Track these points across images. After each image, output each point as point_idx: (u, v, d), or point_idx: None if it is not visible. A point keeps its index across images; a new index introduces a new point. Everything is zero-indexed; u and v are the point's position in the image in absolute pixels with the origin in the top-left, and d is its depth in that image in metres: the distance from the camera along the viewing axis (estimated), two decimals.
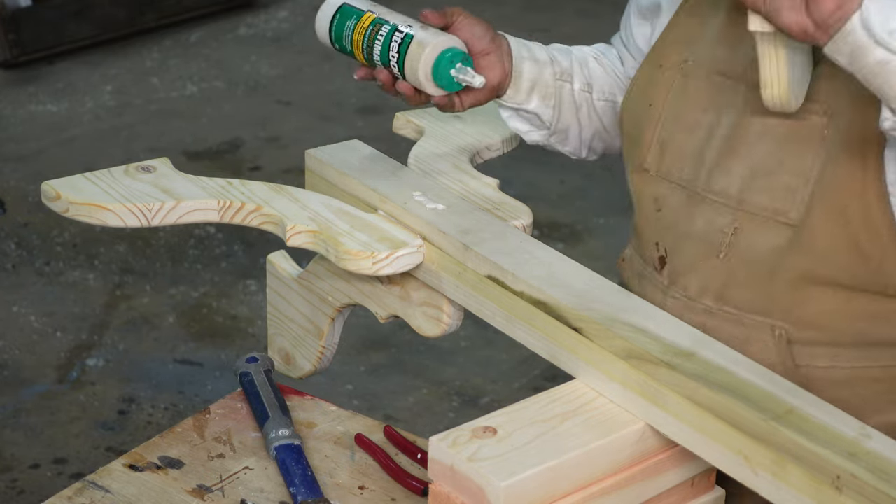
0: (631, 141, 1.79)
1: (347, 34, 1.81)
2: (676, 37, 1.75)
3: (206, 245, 4.21)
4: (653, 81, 1.76)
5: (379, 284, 1.78)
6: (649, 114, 1.75)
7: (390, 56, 1.76)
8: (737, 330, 1.64)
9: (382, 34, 1.77)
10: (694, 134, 1.70)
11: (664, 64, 1.75)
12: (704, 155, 1.69)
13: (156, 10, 5.65)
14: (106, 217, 1.67)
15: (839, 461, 1.34)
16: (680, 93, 1.72)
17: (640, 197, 1.77)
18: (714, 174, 1.67)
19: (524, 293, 1.61)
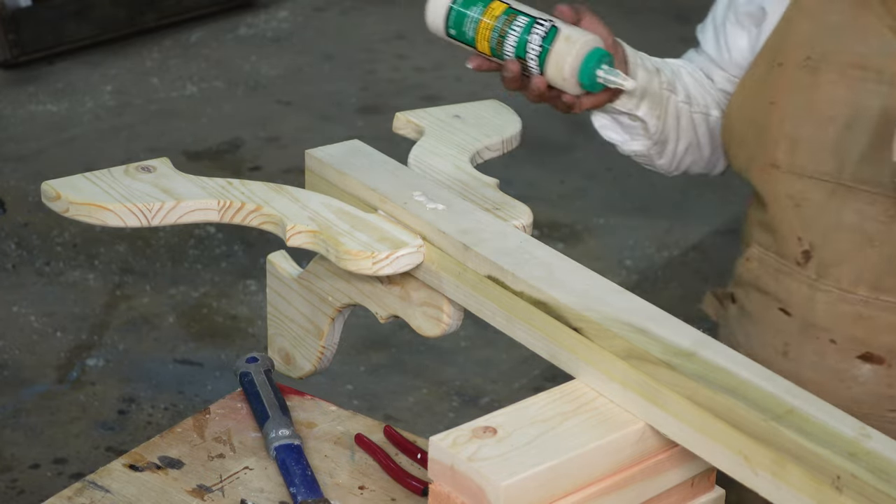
0: (750, 142, 1.79)
1: (471, 23, 1.73)
2: (793, 34, 1.75)
3: (206, 245, 4.21)
4: (772, 80, 1.76)
5: (379, 284, 1.78)
6: (771, 111, 1.76)
7: (528, 49, 1.69)
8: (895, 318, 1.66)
9: (519, 25, 1.70)
10: (828, 128, 1.71)
11: (784, 62, 1.75)
12: (847, 147, 1.70)
13: (156, 10, 5.65)
14: (106, 217, 1.67)
15: (839, 461, 1.34)
16: (808, 88, 1.73)
17: (773, 194, 1.78)
18: (863, 165, 1.68)
19: (524, 293, 1.61)
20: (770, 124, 1.76)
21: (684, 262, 4.31)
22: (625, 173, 4.77)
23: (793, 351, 1.80)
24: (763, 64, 1.78)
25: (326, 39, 5.83)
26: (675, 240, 4.41)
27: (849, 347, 1.75)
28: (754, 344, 1.86)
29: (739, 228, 1.97)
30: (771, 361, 1.82)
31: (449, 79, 5.53)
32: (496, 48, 1.72)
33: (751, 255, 1.84)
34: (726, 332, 1.93)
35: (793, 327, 1.79)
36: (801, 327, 1.77)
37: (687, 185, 4.75)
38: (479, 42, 1.73)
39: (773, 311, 1.81)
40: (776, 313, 1.80)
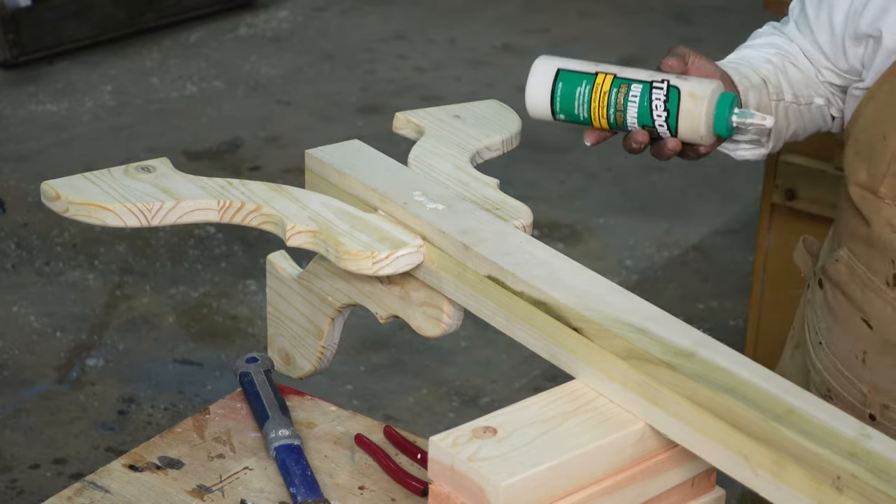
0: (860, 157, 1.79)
1: (581, 104, 1.69)
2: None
3: (206, 245, 4.21)
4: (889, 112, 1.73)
5: (379, 284, 1.78)
6: (884, 145, 1.74)
7: (654, 116, 1.66)
8: None
9: (635, 95, 1.66)
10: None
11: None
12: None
13: (156, 10, 5.65)
14: (106, 217, 1.67)
15: (839, 461, 1.34)
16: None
17: (874, 217, 1.77)
18: None
19: (524, 293, 1.61)
20: (881, 157, 1.74)
21: (684, 262, 4.31)
22: (625, 173, 4.77)
23: (870, 360, 1.81)
24: (884, 92, 1.75)
25: (326, 39, 5.83)
26: (675, 240, 4.41)
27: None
28: (835, 341, 1.86)
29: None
30: (850, 362, 1.84)
31: (449, 79, 5.53)
32: (616, 122, 1.69)
33: (840, 257, 1.83)
34: (811, 314, 1.93)
35: (873, 339, 1.79)
36: (881, 343, 1.77)
37: (687, 185, 4.75)
38: (596, 120, 1.70)
39: (855, 318, 1.81)
40: (858, 322, 1.81)
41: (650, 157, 1.89)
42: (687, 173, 4.76)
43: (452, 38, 5.95)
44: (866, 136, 1.78)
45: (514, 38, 5.92)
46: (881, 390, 1.80)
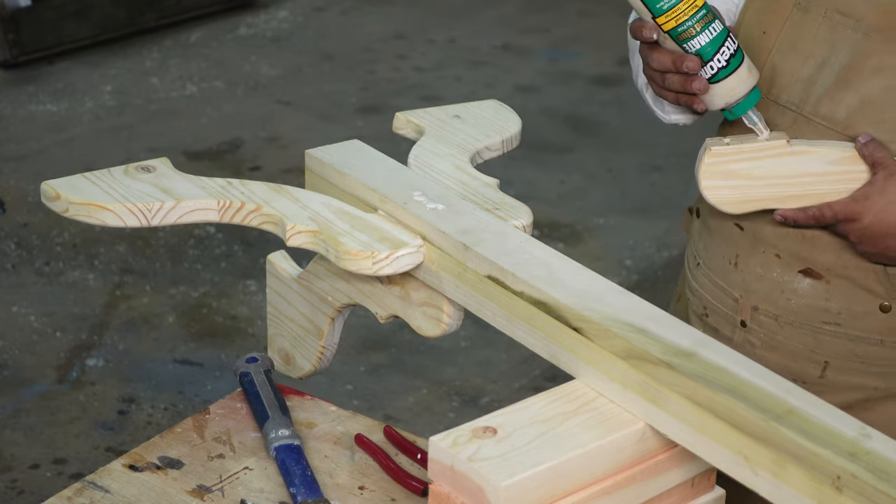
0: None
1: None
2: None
3: (206, 245, 4.21)
4: (768, 11, 1.87)
5: (379, 284, 1.78)
6: (762, 41, 1.87)
7: (716, 58, 1.74)
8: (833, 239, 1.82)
9: (714, 30, 1.73)
10: (806, 63, 1.83)
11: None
12: (815, 82, 1.82)
13: (156, 10, 5.65)
14: (106, 217, 1.67)
15: (839, 461, 1.34)
16: (796, 25, 1.84)
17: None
18: (823, 101, 1.81)
19: (524, 293, 1.61)
20: (759, 52, 1.86)
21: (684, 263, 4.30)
22: (625, 173, 4.77)
23: (741, 262, 1.92)
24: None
25: (326, 39, 5.83)
26: (675, 240, 4.41)
27: (791, 262, 1.88)
28: (711, 255, 1.98)
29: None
30: (723, 270, 1.95)
31: (449, 79, 5.53)
32: (681, 34, 1.74)
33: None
34: (691, 244, 2.06)
35: (744, 241, 1.91)
36: (751, 242, 1.90)
37: (687, 185, 4.75)
38: (667, 20, 1.74)
39: (728, 225, 1.92)
40: (731, 227, 1.92)
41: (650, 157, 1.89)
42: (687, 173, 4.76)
43: (452, 38, 5.95)
44: (744, 38, 1.88)
45: (514, 38, 5.92)
46: (751, 291, 1.91)
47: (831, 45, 1.83)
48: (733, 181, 1.82)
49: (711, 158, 1.81)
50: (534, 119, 4.85)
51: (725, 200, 1.84)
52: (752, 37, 1.89)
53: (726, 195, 1.83)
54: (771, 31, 1.87)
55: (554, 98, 5.22)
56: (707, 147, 1.81)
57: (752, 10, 1.91)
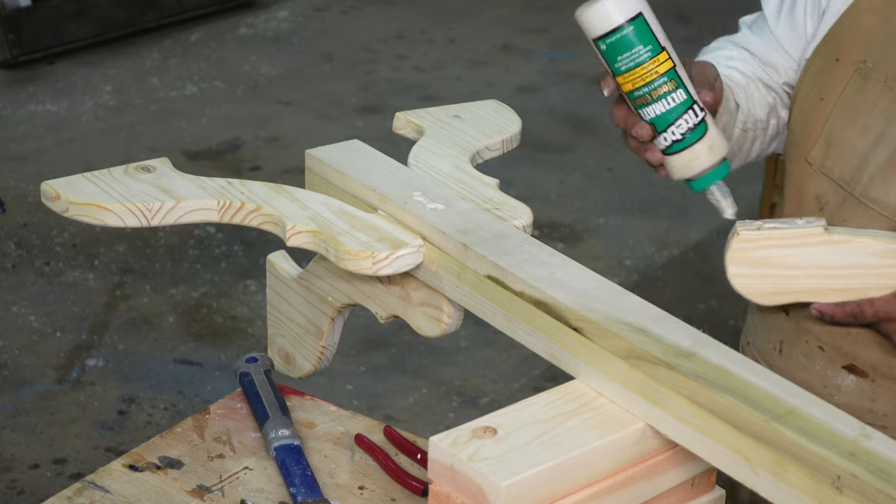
0: (797, 132, 1.78)
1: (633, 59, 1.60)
2: (855, 31, 1.72)
3: (206, 245, 4.21)
4: (826, 75, 1.73)
5: (379, 284, 1.78)
6: (819, 108, 1.73)
7: (669, 130, 1.62)
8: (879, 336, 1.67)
9: (674, 100, 1.61)
10: (863, 137, 1.68)
11: (841, 59, 1.72)
12: (869, 159, 1.67)
13: (156, 10, 5.65)
14: (106, 217, 1.67)
15: (839, 461, 1.34)
16: (856, 93, 1.69)
17: (803, 192, 1.75)
18: (875, 181, 1.66)
19: (524, 293, 1.61)
20: (816, 120, 1.73)
21: (684, 262, 4.31)
22: (625, 173, 4.77)
23: (786, 350, 1.82)
24: (820, 56, 1.75)
25: (326, 39, 5.83)
26: (675, 240, 4.41)
27: (835, 357, 1.75)
28: (758, 336, 1.88)
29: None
30: (769, 355, 1.85)
31: (449, 79, 5.53)
32: (636, 99, 1.62)
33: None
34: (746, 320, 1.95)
35: (789, 328, 1.79)
36: (796, 330, 1.77)
37: None
38: (625, 81, 1.61)
39: (775, 308, 1.79)
40: (777, 311, 1.80)
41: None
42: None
43: (452, 38, 5.95)
44: (801, 104, 1.77)
45: (514, 38, 5.92)
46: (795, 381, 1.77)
47: (889, 117, 1.67)
48: (764, 269, 1.65)
49: (740, 244, 1.63)
50: (534, 119, 4.85)
51: (755, 291, 1.66)
52: (809, 102, 1.76)
53: (756, 285, 1.66)
54: (829, 98, 1.73)
55: (554, 98, 5.22)
56: (735, 231, 1.63)
57: (812, 73, 1.77)
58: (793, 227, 1.62)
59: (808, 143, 1.75)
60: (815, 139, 1.73)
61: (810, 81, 1.76)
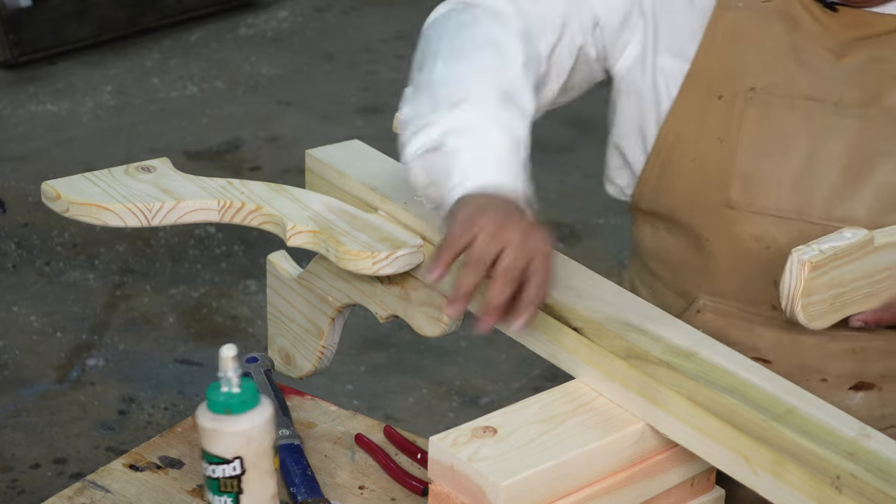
0: (693, 181, 1.70)
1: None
2: (727, 64, 1.66)
3: (206, 245, 4.21)
4: (713, 114, 1.67)
5: (379, 284, 1.78)
6: (721, 150, 1.67)
7: None
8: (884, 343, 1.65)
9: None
10: (786, 163, 1.64)
11: (724, 94, 1.66)
12: (811, 183, 1.63)
13: (156, 10, 5.64)
14: (106, 217, 1.67)
15: (839, 461, 1.34)
16: (758, 122, 1.65)
17: (732, 237, 1.68)
18: (833, 202, 1.62)
19: None
20: (721, 163, 1.67)
21: None
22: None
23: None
24: (697, 97, 1.68)
25: (326, 39, 5.83)
26: None
27: (840, 382, 1.71)
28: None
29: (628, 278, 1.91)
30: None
31: None
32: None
33: (702, 307, 1.74)
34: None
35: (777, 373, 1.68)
36: (787, 372, 1.59)
37: None
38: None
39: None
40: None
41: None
42: None
43: None
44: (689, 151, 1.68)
45: None
46: None
47: (813, 136, 1.63)
48: (826, 293, 1.57)
49: (813, 272, 1.53)
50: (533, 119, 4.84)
51: (817, 315, 1.57)
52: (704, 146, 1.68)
53: (818, 310, 1.57)
54: (728, 137, 1.66)
55: None
56: (801, 261, 1.53)
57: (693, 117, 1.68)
58: (844, 240, 1.55)
59: (720, 189, 1.67)
60: (728, 182, 1.67)
61: (695, 126, 1.69)
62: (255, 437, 1.51)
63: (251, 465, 1.52)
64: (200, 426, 1.52)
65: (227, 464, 1.52)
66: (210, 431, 1.52)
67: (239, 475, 1.53)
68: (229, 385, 1.52)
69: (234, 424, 1.52)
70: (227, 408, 1.52)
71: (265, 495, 1.55)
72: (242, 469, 1.52)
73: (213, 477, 1.53)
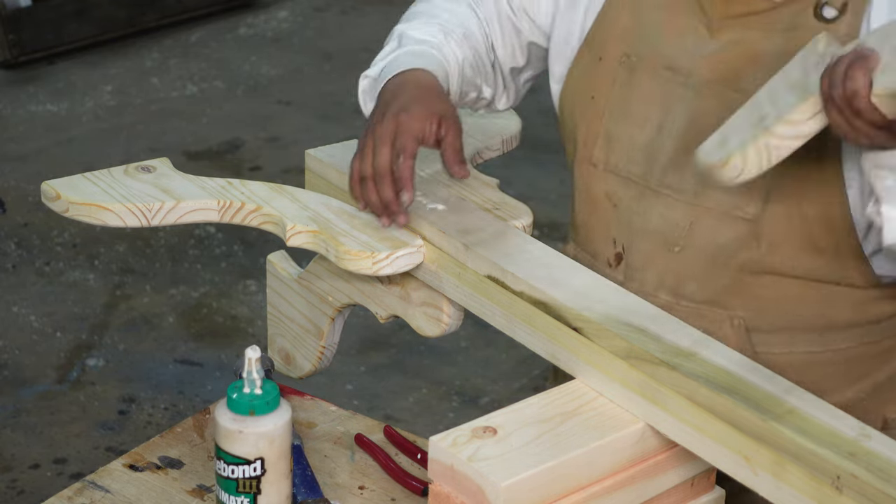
0: (572, 132, 1.79)
1: None
2: (612, 28, 1.74)
3: (206, 245, 4.21)
4: (593, 73, 1.75)
5: (379, 284, 1.78)
6: (592, 106, 1.75)
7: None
8: (696, 322, 1.63)
9: None
10: (643, 128, 1.70)
11: (604, 56, 1.74)
12: (656, 150, 1.69)
13: (156, 10, 5.64)
14: (106, 217, 1.67)
15: (839, 461, 1.34)
16: (625, 87, 1.72)
17: (591, 192, 1.77)
18: (668, 170, 1.68)
19: (524, 293, 1.61)
20: (591, 119, 1.75)
21: None
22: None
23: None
24: (587, 56, 1.76)
25: (326, 39, 5.83)
26: None
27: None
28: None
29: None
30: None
31: None
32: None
33: (566, 251, 1.81)
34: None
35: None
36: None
37: None
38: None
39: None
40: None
41: None
42: None
43: None
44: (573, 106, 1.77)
45: None
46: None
47: (665, 107, 1.68)
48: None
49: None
50: (534, 119, 4.84)
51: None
52: (582, 103, 1.76)
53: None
54: (599, 96, 1.74)
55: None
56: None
57: (578, 73, 1.78)
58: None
59: (587, 145, 1.75)
60: (594, 139, 1.74)
61: (577, 81, 1.78)
62: (278, 438, 1.52)
63: (271, 466, 1.52)
64: (221, 426, 1.52)
65: (249, 464, 1.52)
66: (233, 432, 1.52)
67: (259, 476, 1.53)
68: (252, 386, 1.52)
69: (258, 425, 1.52)
70: (252, 408, 1.52)
71: (281, 497, 1.55)
72: (263, 470, 1.53)
73: (232, 478, 1.53)
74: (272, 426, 1.52)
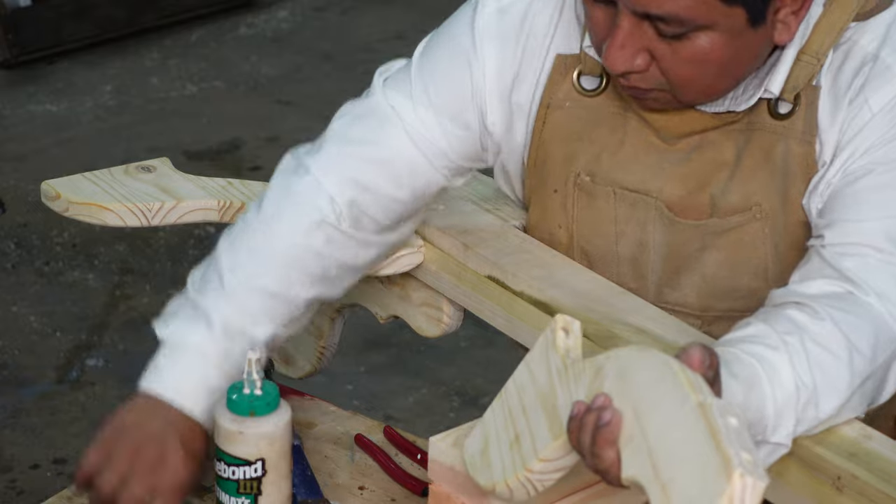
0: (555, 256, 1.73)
1: None
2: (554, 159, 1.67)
3: (206, 245, 4.21)
4: (550, 208, 1.70)
5: (379, 284, 1.78)
6: (563, 233, 1.70)
7: None
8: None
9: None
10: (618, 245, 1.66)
11: (559, 189, 1.68)
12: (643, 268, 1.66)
13: (156, 10, 5.64)
14: (106, 217, 1.67)
15: (839, 461, 1.34)
16: (585, 209, 1.67)
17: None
18: (664, 290, 1.65)
19: (524, 293, 1.61)
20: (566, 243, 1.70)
21: None
22: None
23: None
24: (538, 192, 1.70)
25: (326, 39, 5.83)
26: None
27: None
28: None
29: None
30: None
31: None
32: None
33: None
34: None
35: None
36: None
37: None
38: None
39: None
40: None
41: None
42: None
43: None
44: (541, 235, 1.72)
45: None
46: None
47: (640, 223, 1.65)
48: None
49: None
50: None
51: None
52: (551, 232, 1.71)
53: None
54: (565, 223, 1.69)
55: None
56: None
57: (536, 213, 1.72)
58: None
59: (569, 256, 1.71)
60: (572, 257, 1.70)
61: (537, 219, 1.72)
62: (278, 438, 1.52)
63: (272, 466, 1.52)
64: (221, 427, 1.52)
65: (249, 465, 1.52)
66: (233, 433, 1.52)
67: (260, 476, 1.53)
68: (252, 386, 1.52)
69: (259, 426, 1.52)
70: (252, 409, 1.52)
71: (281, 497, 1.55)
72: (264, 471, 1.53)
73: (232, 479, 1.53)
74: (273, 427, 1.52)
